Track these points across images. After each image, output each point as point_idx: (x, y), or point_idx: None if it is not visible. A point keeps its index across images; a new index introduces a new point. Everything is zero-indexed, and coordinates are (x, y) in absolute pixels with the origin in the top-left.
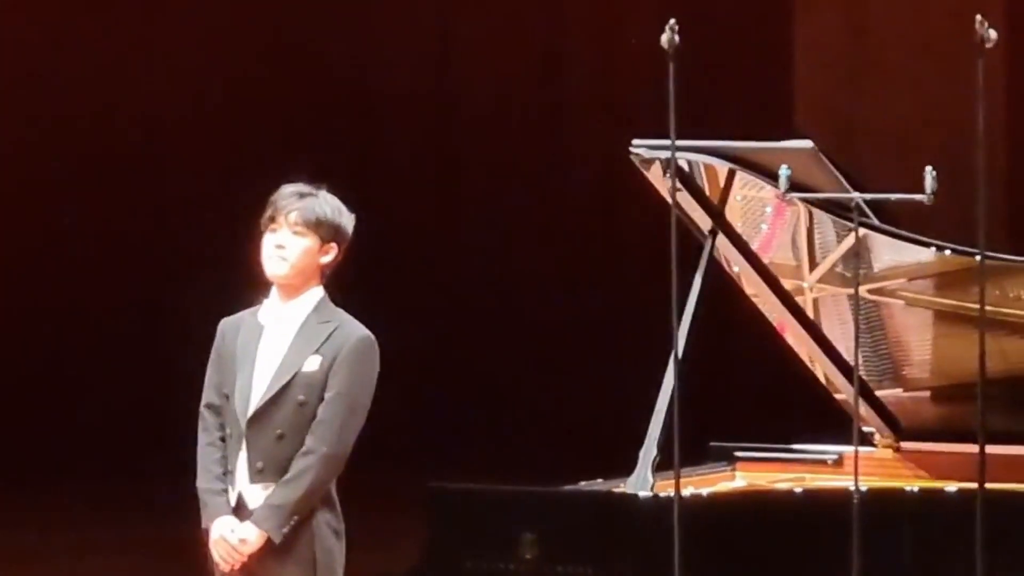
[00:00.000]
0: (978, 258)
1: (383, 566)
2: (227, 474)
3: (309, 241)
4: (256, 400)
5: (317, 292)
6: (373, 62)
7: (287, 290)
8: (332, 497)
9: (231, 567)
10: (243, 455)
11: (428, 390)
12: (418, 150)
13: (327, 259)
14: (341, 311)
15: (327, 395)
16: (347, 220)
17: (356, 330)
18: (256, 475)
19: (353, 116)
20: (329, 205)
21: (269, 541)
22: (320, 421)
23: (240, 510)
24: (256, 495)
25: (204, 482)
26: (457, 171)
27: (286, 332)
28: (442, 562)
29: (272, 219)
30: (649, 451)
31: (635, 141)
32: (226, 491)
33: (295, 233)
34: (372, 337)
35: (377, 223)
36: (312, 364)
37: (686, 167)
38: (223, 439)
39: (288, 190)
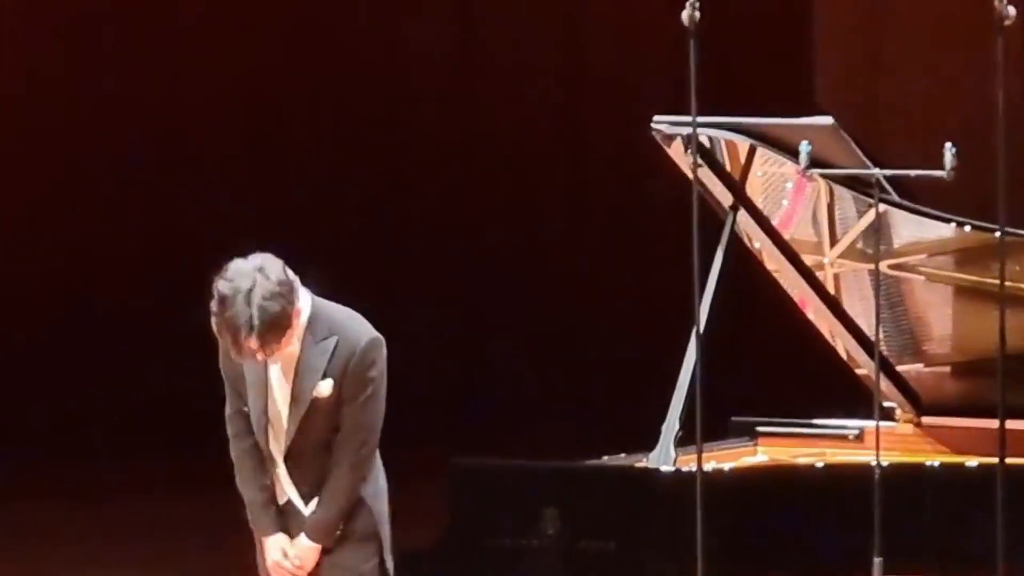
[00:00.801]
0: (998, 234)
1: (406, 542)
2: (268, 482)
3: (279, 343)
4: (284, 438)
5: (305, 311)
6: (398, 33)
7: None
8: (376, 469)
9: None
10: (284, 474)
11: (451, 366)
12: (442, 116)
13: (297, 317)
14: (337, 314)
15: (346, 408)
16: (284, 295)
17: (359, 338)
18: (306, 496)
19: (377, 89)
20: (262, 309)
21: None
22: (346, 431)
23: (290, 516)
24: (308, 508)
25: (249, 492)
26: (479, 141)
27: (289, 359)
28: (465, 538)
29: (235, 350)
30: (671, 426)
31: (656, 117)
32: (272, 500)
33: (266, 353)
34: (376, 337)
35: (401, 194)
36: (324, 389)
37: (707, 143)
38: (256, 444)
39: (223, 331)
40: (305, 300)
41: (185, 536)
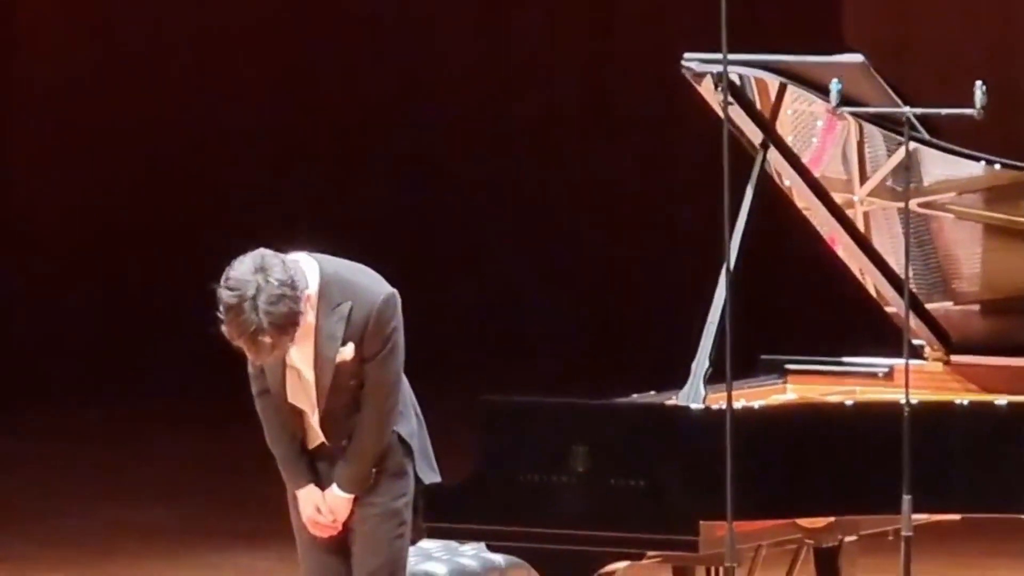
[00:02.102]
0: None
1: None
2: (296, 434)
3: (292, 337)
4: (317, 406)
5: (314, 284)
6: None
7: None
8: (407, 404)
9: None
10: (318, 428)
11: (481, 303)
12: (467, 64)
13: (308, 304)
14: (347, 275)
15: (367, 365)
16: (288, 295)
17: (371, 298)
18: (343, 450)
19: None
20: (269, 315)
21: None
22: (369, 386)
23: (323, 459)
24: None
25: (278, 448)
26: (508, 88)
27: (307, 330)
28: (494, 475)
29: (251, 352)
30: (701, 364)
31: (686, 55)
32: (302, 452)
33: (283, 348)
34: (389, 294)
35: (430, 148)
36: (346, 353)
37: (737, 81)
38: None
39: (236, 338)
40: (312, 276)
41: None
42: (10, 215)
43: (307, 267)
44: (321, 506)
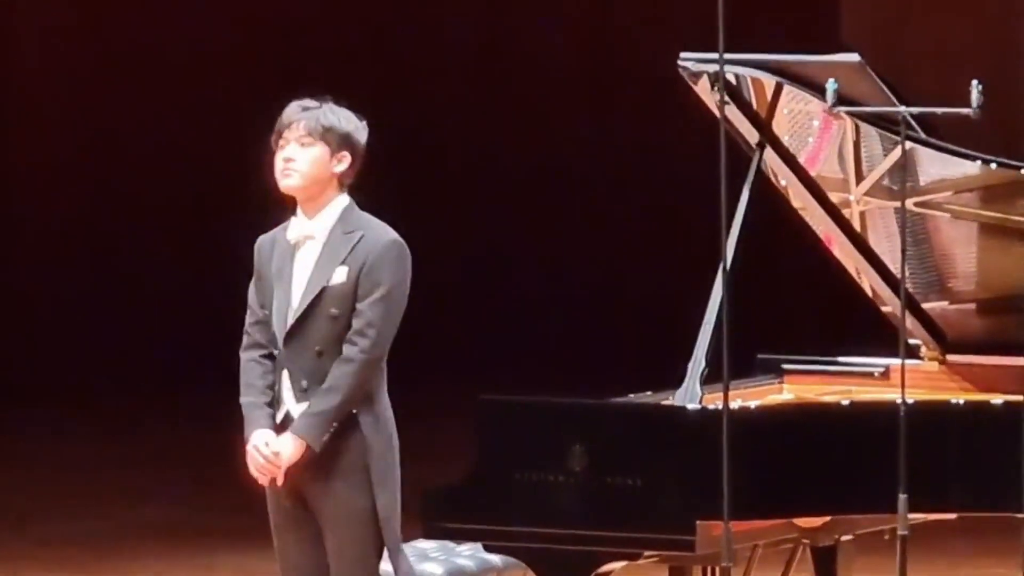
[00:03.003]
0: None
1: (432, 478)
2: (271, 389)
3: (318, 150)
4: (290, 319)
5: (341, 201)
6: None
7: (308, 204)
8: (381, 403)
9: (269, 481)
10: (286, 375)
11: (479, 302)
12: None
13: (341, 167)
14: (369, 218)
15: (359, 305)
16: (357, 128)
17: (383, 236)
18: (301, 394)
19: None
20: (335, 114)
21: (313, 455)
22: (355, 330)
23: (286, 428)
24: (301, 409)
25: (247, 396)
26: (506, 84)
27: (314, 247)
28: (491, 474)
29: (279, 135)
30: (697, 363)
31: (683, 54)
32: (269, 405)
33: (303, 145)
34: (400, 241)
35: (427, 142)
36: (339, 276)
37: (734, 81)
38: (267, 356)
39: (293, 106)
40: (342, 197)
41: (176, 467)
42: (8, 214)
43: (342, 195)
44: (269, 441)
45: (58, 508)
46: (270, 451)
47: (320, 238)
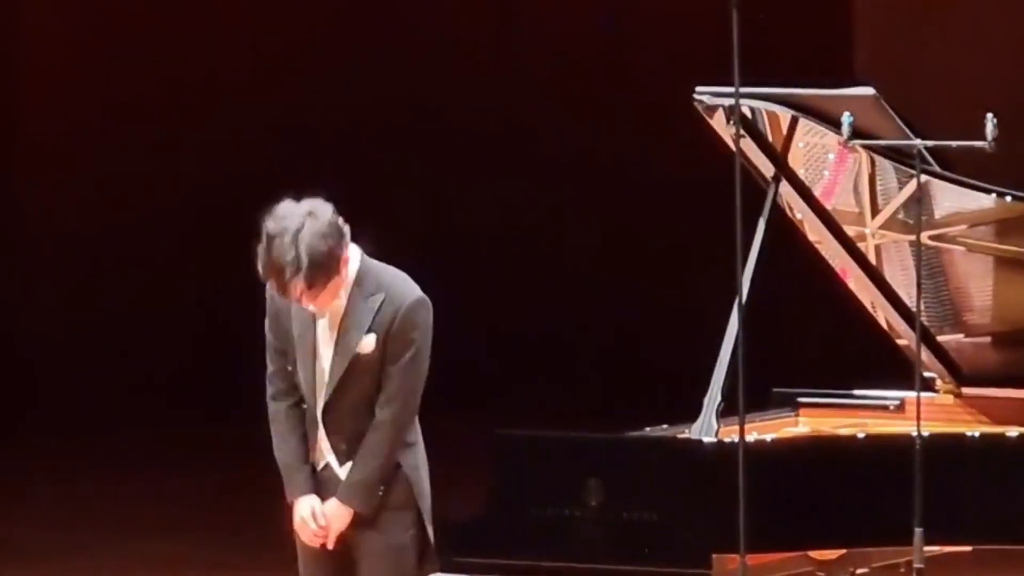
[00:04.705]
0: None
1: (448, 512)
2: (305, 440)
3: (324, 287)
4: (323, 393)
5: (354, 265)
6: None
7: None
8: (417, 443)
9: (320, 545)
10: (322, 433)
11: (495, 336)
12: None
13: (345, 266)
14: (385, 272)
15: (389, 368)
16: (333, 237)
17: (405, 296)
18: (343, 455)
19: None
20: (310, 248)
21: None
22: (387, 394)
23: (327, 482)
24: (344, 470)
25: (284, 455)
26: (520, 115)
27: (335, 313)
28: (508, 508)
29: (281, 292)
30: (713, 397)
31: (699, 88)
32: (306, 462)
33: (311, 296)
34: (422, 297)
35: (443, 169)
36: (367, 345)
37: (749, 114)
38: (296, 403)
39: (269, 275)
40: (355, 253)
41: (210, 506)
42: (20, 242)
43: (352, 245)
44: (317, 510)
45: (65, 541)
46: (321, 520)
47: (340, 303)
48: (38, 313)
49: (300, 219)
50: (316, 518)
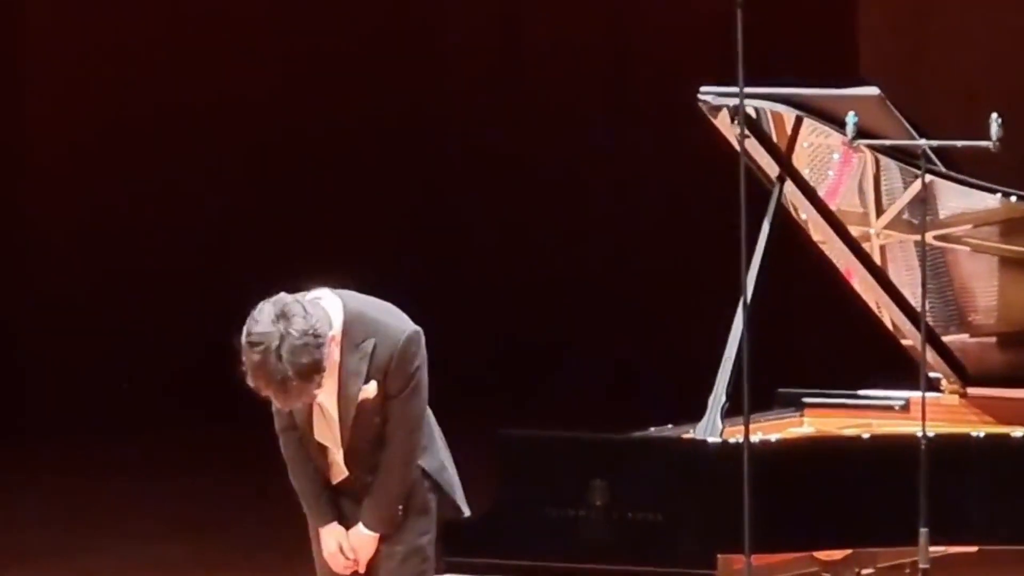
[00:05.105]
0: None
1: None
2: (319, 467)
3: (321, 383)
4: (339, 442)
5: (338, 319)
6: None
7: None
8: (435, 442)
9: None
10: (342, 463)
11: (500, 337)
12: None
13: (333, 344)
14: (371, 312)
15: (390, 402)
16: (310, 344)
17: (396, 335)
18: (366, 487)
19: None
20: (295, 362)
21: None
22: (394, 423)
23: (348, 495)
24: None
25: (301, 483)
26: (523, 118)
27: (332, 367)
28: (512, 508)
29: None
30: (718, 397)
31: (703, 88)
32: (325, 487)
33: (312, 396)
34: (411, 332)
35: (444, 174)
36: (369, 391)
37: (753, 114)
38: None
39: (269, 392)
40: (336, 314)
41: (228, 503)
42: (26, 247)
43: (330, 305)
44: (344, 544)
45: (70, 545)
46: (351, 554)
47: (335, 358)
48: (41, 311)
49: (277, 335)
50: (346, 551)
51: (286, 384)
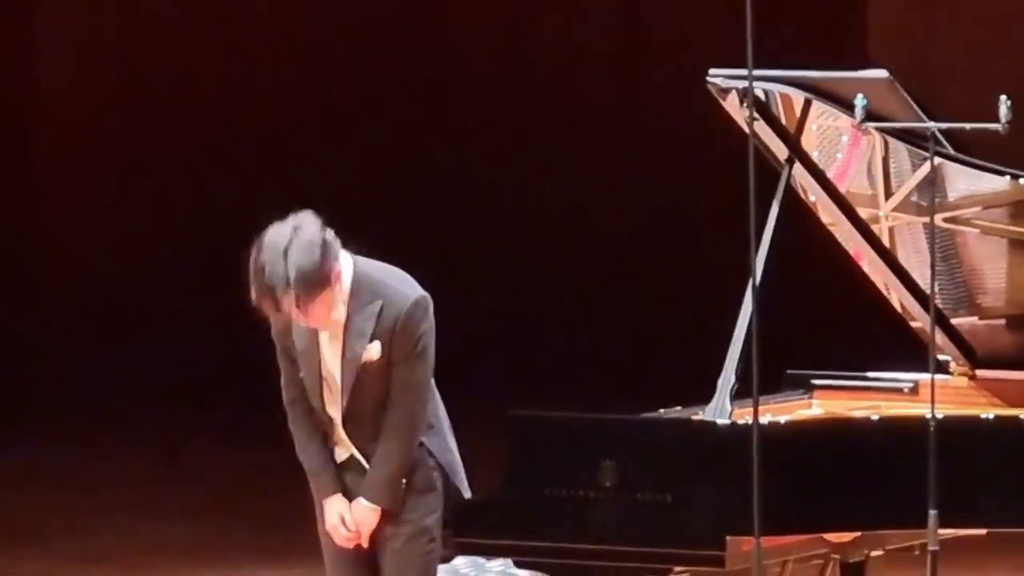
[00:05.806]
0: None
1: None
2: (326, 440)
3: (316, 300)
4: (339, 404)
5: (347, 276)
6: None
7: None
8: (441, 421)
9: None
10: (343, 436)
11: (509, 318)
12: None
13: (338, 280)
14: (380, 275)
15: (395, 368)
16: (321, 250)
17: (404, 298)
18: (366, 453)
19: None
20: (298, 263)
21: None
22: (397, 389)
23: (352, 471)
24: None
25: (307, 458)
26: (533, 102)
27: (337, 325)
28: (522, 489)
29: (275, 309)
30: (727, 379)
31: (712, 71)
32: (330, 462)
33: (304, 312)
34: (421, 296)
35: (454, 160)
36: (373, 352)
37: (763, 96)
38: (311, 410)
39: (261, 291)
40: (346, 264)
41: (236, 484)
42: (40, 229)
43: (343, 255)
44: (346, 516)
45: (81, 525)
46: (352, 526)
47: (340, 315)
48: (52, 295)
49: (287, 238)
50: (348, 524)
51: (285, 286)
